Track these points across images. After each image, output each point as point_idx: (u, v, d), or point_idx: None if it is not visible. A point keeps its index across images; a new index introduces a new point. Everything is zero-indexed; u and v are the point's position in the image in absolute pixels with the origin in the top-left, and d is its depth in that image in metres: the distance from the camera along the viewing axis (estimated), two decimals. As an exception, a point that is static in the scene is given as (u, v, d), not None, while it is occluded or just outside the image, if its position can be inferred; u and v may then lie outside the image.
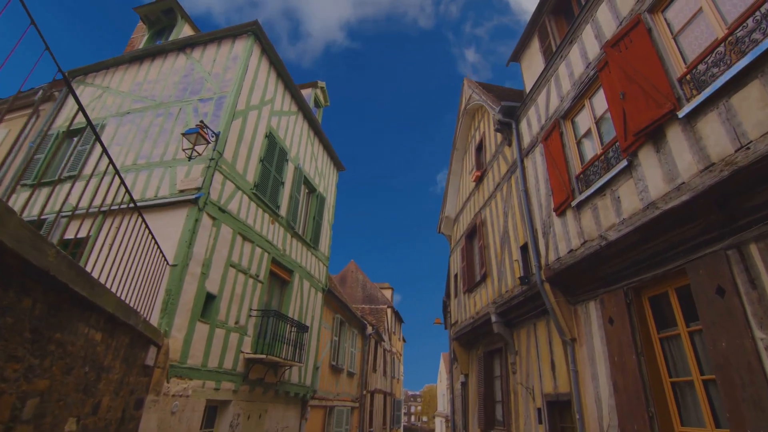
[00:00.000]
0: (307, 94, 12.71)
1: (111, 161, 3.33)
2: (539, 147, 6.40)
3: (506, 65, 8.31)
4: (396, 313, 27.51)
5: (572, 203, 5.17)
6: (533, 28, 7.23)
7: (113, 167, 3.41)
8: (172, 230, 6.30)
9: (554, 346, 5.81)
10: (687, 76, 3.68)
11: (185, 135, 6.76)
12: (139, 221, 4.25)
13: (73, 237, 3.70)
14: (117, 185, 3.64)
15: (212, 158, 6.96)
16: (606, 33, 4.91)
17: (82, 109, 2.77)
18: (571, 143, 5.57)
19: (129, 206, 4.04)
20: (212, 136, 7.11)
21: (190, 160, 6.88)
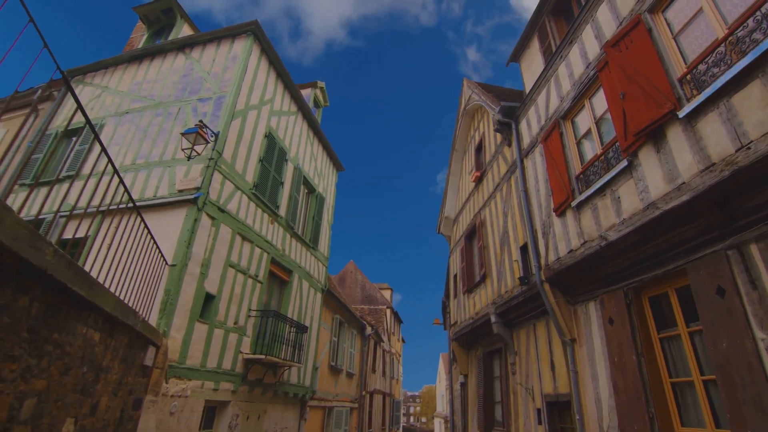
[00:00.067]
0: (307, 95, 12.70)
1: (110, 160, 3.32)
2: (539, 147, 6.40)
3: (506, 65, 8.31)
4: (395, 314, 27.49)
5: (572, 203, 5.16)
6: (533, 29, 7.23)
7: (112, 167, 3.39)
8: (171, 230, 6.29)
9: (554, 347, 5.80)
10: (687, 76, 3.68)
11: (184, 135, 6.74)
12: (138, 221, 4.23)
13: (72, 237, 3.69)
14: (116, 185, 3.63)
15: (211, 158, 6.95)
16: (606, 33, 4.91)
17: (81, 108, 2.76)
18: (571, 143, 5.56)
19: (128, 206, 4.02)
20: (211, 136, 7.09)
21: (189, 160, 6.86)
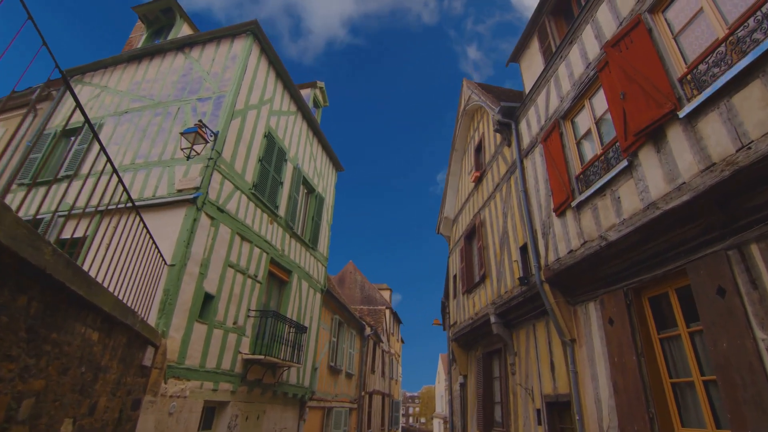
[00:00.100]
0: (306, 95, 12.70)
1: (109, 160, 3.30)
2: (539, 147, 6.39)
3: (506, 66, 8.31)
4: (394, 314, 27.48)
5: (572, 203, 5.16)
6: (533, 29, 7.23)
7: (111, 166, 3.37)
8: (170, 230, 6.27)
9: (554, 347, 5.79)
10: (688, 76, 3.67)
11: (184, 134, 6.72)
12: (137, 221, 4.22)
13: (70, 237, 3.67)
14: (115, 184, 3.61)
15: (211, 158, 6.93)
16: (606, 33, 4.91)
17: (80, 106, 2.74)
18: (571, 144, 5.56)
19: (127, 206, 4.01)
20: (211, 136, 7.08)
21: (189, 160, 6.84)
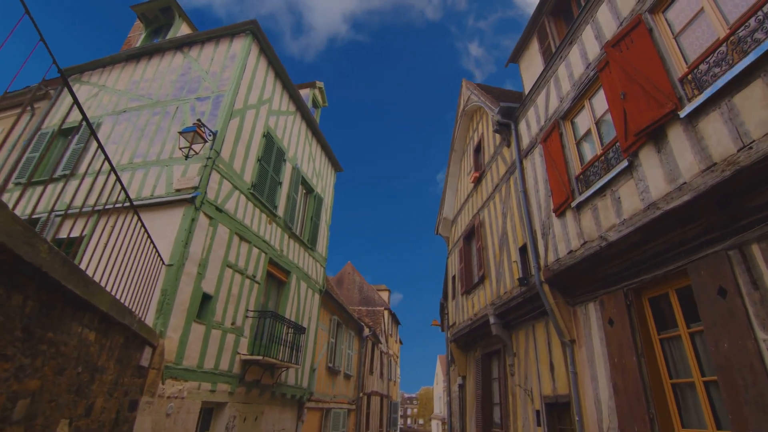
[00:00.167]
0: (305, 95, 12.67)
1: (107, 158, 3.28)
2: (538, 148, 6.39)
3: (505, 66, 8.30)
4: (393, 315, 27.44)
5: (572, 204, 5.15)
6: (532, 29, 7.23)
7: (109, 165, 3.35)
8: (168, 229, 6.24)
9: (553, 348, 5.78)
10: (688, 76, 3.67)
11: (182, 134, 6.69)
12: (135, 220, 4.19)
13: (67, 236, 3.64)
14: (113, 184, 3.59)
15: (209, 157, 6.90)
16: (606, 33, 4.91)
17: (78, 104, 2.72)
18: (571, 144, 5.55)
19: (125, 205, 3.98)
20: (209, 135, 7.05)
21: (187, 159, 6.81)
